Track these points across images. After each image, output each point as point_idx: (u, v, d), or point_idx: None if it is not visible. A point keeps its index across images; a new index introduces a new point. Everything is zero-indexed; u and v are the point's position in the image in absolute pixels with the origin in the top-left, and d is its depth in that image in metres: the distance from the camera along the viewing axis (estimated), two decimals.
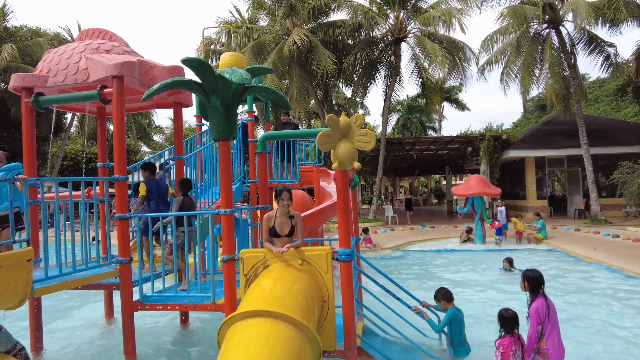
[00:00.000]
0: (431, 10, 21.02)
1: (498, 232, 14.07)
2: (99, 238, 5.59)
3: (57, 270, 4.38)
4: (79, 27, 28.14)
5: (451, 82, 30.21)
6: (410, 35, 21.91)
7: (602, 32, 29.51)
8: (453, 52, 21.18)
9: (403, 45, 22.18)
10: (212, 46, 25.98)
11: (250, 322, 3.06)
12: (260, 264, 3.99)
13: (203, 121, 7.87)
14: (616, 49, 19.50)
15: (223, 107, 3.96)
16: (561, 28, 19.09)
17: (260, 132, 21.46)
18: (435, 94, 24.01)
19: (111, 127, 7.41)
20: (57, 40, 25.39)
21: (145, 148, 40.58)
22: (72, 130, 32.99)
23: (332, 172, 9.61)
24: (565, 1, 18.70)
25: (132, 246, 5.74)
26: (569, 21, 19.05)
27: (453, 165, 31.06)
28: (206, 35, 25.47)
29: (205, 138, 7.89)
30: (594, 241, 12.72)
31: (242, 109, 22.54)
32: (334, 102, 28.42)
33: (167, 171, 6.67)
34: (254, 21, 25.31)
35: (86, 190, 5.65)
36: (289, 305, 3.23)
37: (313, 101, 24.24)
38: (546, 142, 21.40)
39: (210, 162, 7.07)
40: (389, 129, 33.21)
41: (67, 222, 4.84)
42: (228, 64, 4.63)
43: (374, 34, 22.22)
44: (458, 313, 4.88)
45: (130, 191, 5.92)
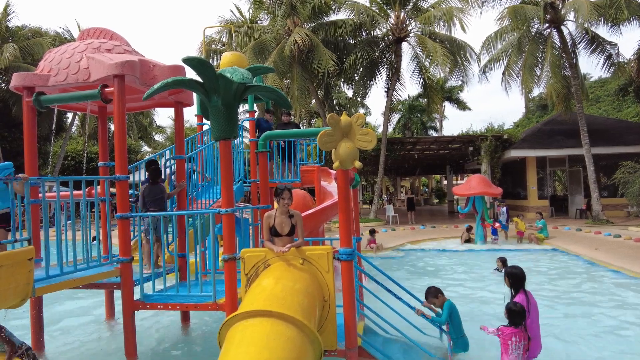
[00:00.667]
0: (432, 9, 21.00)
1: (494, 232, 14.10)
2: (100, 237, 5.60)
3: (58, 269, 4.39)
4: (79, 27, 28.18)
5: (452, 82, 30.19)
6: (411, 34, 21.89)
7: (604, 32, 29.60)
8: (454, 52, 21.17)
9: (404, 44, 22.17)
10: (213, 46, 25.97)
11: (251, 322, 3.06)
12: (261, 264, 3.99)
13: (204, 120, 7.87)
14: (618, 49, 19.48)
15: (224, 107, 3.95)
16: (563, 27, 19.06)
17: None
18: (436, 94, 23.99)
19: (112, 127, 7.41)
20: (58, 40, 25.41)
21: (146, 148, 40.61)
22: (73, 129, 33.05)
23: (333, 172, 9.60)
24: (566, 1, 18.67)
25: (133, 245, 5.74)
26: (571, 20, 19.03)
27: (454, 165, 31.03)
28: (207, 34, 25.48)
29: (206, 137, 7.90)
30: (596, 241, 12.69)
31: (243, 109, 22.56)
32: (335, 102, 28.44)
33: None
34: (255, 21, 25.32)
35: (87, 189, 5.66)
36: (290, 304, 3.23)
37: (314, 101, 24.23)
38: (547, 142, 21.37)
39: (211, 162, 7.08)
40: (390, 129, 33.20)
41: (68, 222, 4.85)
42: (229, 64, 4.63)
43: (375, 34, 22.20)
44: (454, 304, 4.98)
45: (131, 191, 5.93)
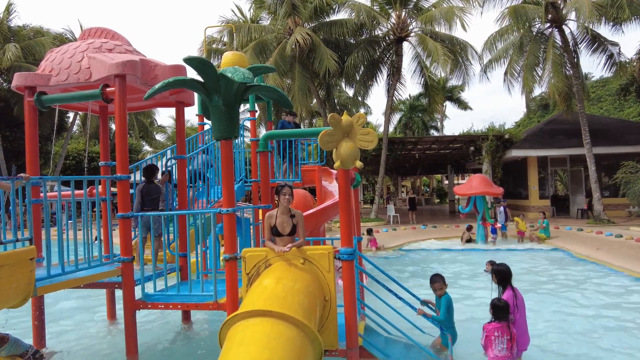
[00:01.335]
0: (433, 9, 20.97)
1: (493, 231, 14.11)
2: (101, 237, 5.61)
3: (60, 268, 4.39)
4: (81, 27, 28.20)
5: (453, 82, 30.12)
6: (412, 34, 21.87)
7: (605, 31, 29.53)
8: (455, 51, 21.13)
9: (405, 44, 22.15)
10: (214, 45, 25.98)
11: (251, 322, 3.06)
12: (262, 263, 4.00)
13: (205, 120, 7.88)
14: (619, 48, 19.43)
15: (225, 106, 3.95)
16: (564, 27, 19.02)
17: (262, 132, 21.46)
18: (437, 93, 23.97)
19: (113, 126, 7.44)
20: (60, 39, 25.44)
21: (147, 147, 40.63)
22: (75, 129, 33.11)
23: (334, 172, 9.61)
24: (567, 0, 18.64)
25: (134, 245, 5.75)
26: (572, 20, 18.99)
27: (455, 164, 31.00)
28: (208, 34, 25.48)
29: (207, 137, 7.91)
30: (597, 241, 12.67)
31: (244, 108, 22.55)
32: (336, 102, 28.41)
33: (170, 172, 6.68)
34: (256, 20, 25.32)
35: (88, 189, 5.67)
36: (291, 304, 3.23)
37: (315, 100, 24.22)
38: (549, 142, 21.33)
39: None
40: (391, 128, 33.13)
41: (70, 221, 4.85)
42: (230, 63, 4.63)
43: (376, 33, 22.18)
44: (451, 298, 5.05)
45: (132, 190, 5.94)
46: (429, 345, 5.05)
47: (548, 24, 19.34)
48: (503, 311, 4.22)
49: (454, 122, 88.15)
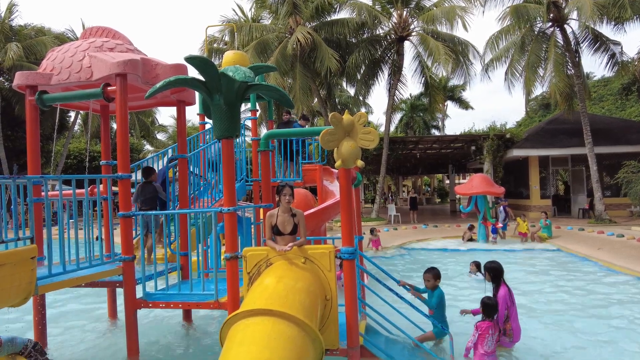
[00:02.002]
0: (434, 8, 20.95)
1: (494, 231, 14.09)
2: (102, 236, 5.61)
3: (61, 267, 4.40)
4: (83, 26, 28.21)
5: (455, 81, 30.11)
6: (413, 33, 21.85)
7: (607, 31, 29.40)
8: (456, 51, 21.10)
9: (406, 43, 22.12)
10: (215, 45, 25.97)
11: (252, 321, 3.06)
12: (263, 262, 4.00)
13: (206, 119, 7.87)
14: (621, 48, 19.38)
15: (226, 105, 3.95)
16: (566, 26, 18.98)
17: (263, 131, 21.45)
18: (438, 93, 23.95)
19: (114, 125, 7.45)
20: (61, 39, 25.47)
21: (148, 146, 40.68)
22: (76, 128, 33.15)
23: (335, 171, 9.60)
24: None
25: (136, 244, 5.76)
26: (574, 19, 18.95)
27: (456, 164, 30.97)
28: (209, 33, 25.47)
29: (208, 136, 7.91)
30: (598, 241, 12.65)
31: (245, 107, 22.55)
32: (337, 101, 28.41)
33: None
34: (257, 20, 25.30)
35: (89, 188, 5.67)
36: (292, 303, 3.22)
37: (316, 100, 24.21)
38: (550, 141, 21.30)
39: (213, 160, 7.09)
40: (392, 128, 33.12)
41: (71, 220, 4.86)
42: (231, 62, 4.62)
43: (377, 33, 22.16)
44: (444, 293, 5.09)
45: (133, 189, 5.95)
46: (426, 343, 5.05)
47: (550, 23, 19.30)
48: (494, 309, 4.38)
49: (455, 122, 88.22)
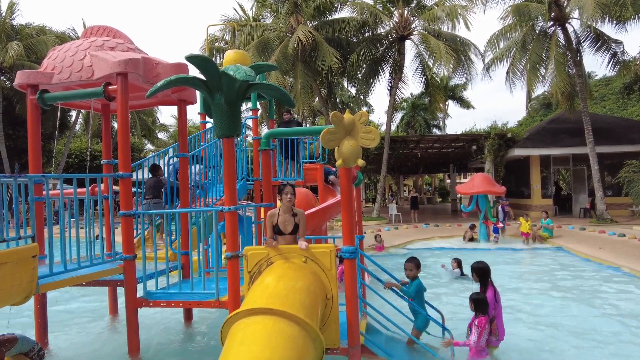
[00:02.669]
0: (435, 7, 20.91)
1: (495, 230, 14.07)
2: (104, 235, 5.62)
3: (62, 266, 4.40)
4: (84, 25, 28.23)
5: (456, 80, 30.10)
6: (414, 32, 21.82)
7: (609, 30, 29.36)
8: (458, 50, 21.07)
9: (407, 42, 22.10)
10: (217, 44, 25.97)
11: (253, 320, 3.06)
12: (264, 261, 4.00)
13: (207, 118, 7.87)
14: (623, 47, 19.31)
15: (227, 104, 3.95)
16: (567, 25, 18.94)
17: (264, 130, 21.44)
18: (439, 92, 23.92)
19: (115, 125, 7.49)
20: (62, 38, 25.49)
21: (149, 146, 40.72)
22: (77, 127, 33.17)
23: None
24: None
25: (137, 243, 5.76)
26: (575, 18, 18.90)
27: (457, 163, 30.94)
28: (210, 33, 25.46)
29: (209, 135, 7.91)
30: (600, 240, 12.64)
31: (246, 107, 22.55)
32: (338, 100, 28.38)
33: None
34: (258, 19, 25.29)
35: (91, 187, 5.68)
36: (292, 303, 3.22)
37: (317, 99, 24.20)
38: (551, 141, 21.26)
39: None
40: (393, 127, 33.08)
41: (72, 219, 4.86)
42: (232, 61, 4.63)
43: (378, 32, 22.14)
44: (422, 283, 5.14)
45: (134, 189, 5.97)
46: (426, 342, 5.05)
47: (551, 22, 19.26)
48: (486, 304, 4.53)
49: (456, 121, 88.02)
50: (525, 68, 20.11)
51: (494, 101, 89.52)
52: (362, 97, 25.04)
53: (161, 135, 42.77)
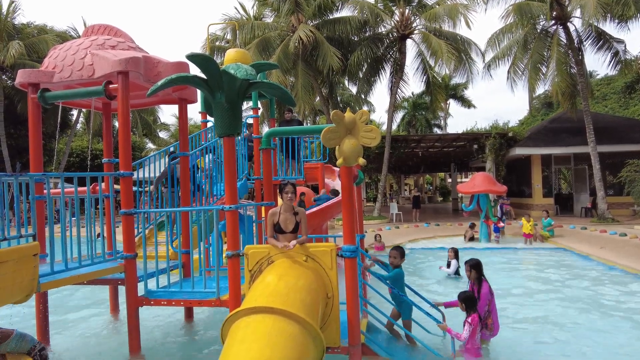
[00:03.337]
0: (437, 6, 20.89)
1: (496, 230, 14.05)
2: (104, 234, 5.62)
3: (63, 265, 4.41)
4: (85, 24, 28.25)
5: (457, 79, 30.07)
6: (415, 31, 21.80)
7: (611, 28, 29.21)
8: (459, 49, 21.04)
9: (408, 41, 22.08)
10: (217, 43, 25.99)
11: (253, 319, 3.06)
12: (264, 260, 4.00)
13: (208, 117, 7.87)
14: (625, 46, 19.25)
15: (228, 103, 3.95)
16: (569, 24, 18.89)
17: (265, 129, 21.44)
18: (440, 91, 23.90)
19: (117, 124, 7.51)
20: (63, 37, 25.51)
21: (150, 145, 40.77)
22: (78, 126, 33.21)
23: (337, 169, 9.58)
24: None
25: (137, 242, 5.77)
26: (577, 17, 18.86)
27: (459, 162, 30.92)
28: (211, 32, 25.49)
29: (210, 134, 7.92)
30: (601, 240, 12.61)
31: (247, 106, 22.57)
32: (339, 99, 28.38)
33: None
34: (259, 17, 25.30)
35: (92, 186, 5.68)
36: (293, 301, 3.22)
37: (318, 98, 24.19)
38: (553, 140, 21.23)
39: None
40: (394, 126, 33.09)
41: (73, 218, 4.87)
42: (233, 60, 4.63)
43: (380, 31, 22.12)
44: (403, 273, 5.19)
45: (134, 187, 5.97)
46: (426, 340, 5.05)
47: (553, 21, 19.23)
48: (475, 301, 4.58)
49: (458, 120, 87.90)
50: (526, 67, 20.08)
51: (495, 100, 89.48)
52: (363, 96, 25.05)
53: (162, 134, 42.82)
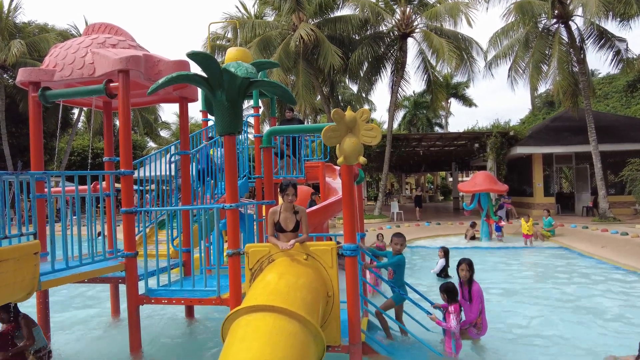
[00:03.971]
0: (438, 5, 20.85)
1: (497, 229, 14.04)
2: (105, 232, 5.62)
3: (64, 263, 4.41)
4: (86, 23, 28.27)
5: (458, 78, 30.03)
6: (416, 30, 21.76)
7: (613, 27, 29.21)
8: (460, 48, 21.00)
9: (409, 40, 22.04)
10: (218, 41, 25.97)
11: (254, 317, 3.06)
12: (265, 259, 4.00)
13: (209, 116, 7.87)
14: (627, 44, 19.17)
15: (228, 102, 3.94)
16: (570, 23, 18.83)
17: (265, 128, 21.44)
18: (441, 90, 23.87)
19: (117, 122, 7.51)
20: (64, 36, 25.53)
21: (151, 143, 40.81)
22: (79, 125, 33.24)
23: (338, 168, 9.57)
24: None
25: (138, 240, 5.76)
26: (579, 16, 18.78)
27: (460, 161, 30.88)
28: (212, 30, 25.47)
29: (211, 133, 7.92)
30: (602, 239, 12.60)
31: (248, 104, 22.57)
32: (340, 98, 28.36)
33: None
34: (260, 16, 25.28)
35: (92, 184, 5.68)
36: (293, 300, 3.22)
37: (319, 97, 24.17)
38: (554, 139, 21.18)
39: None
40: (395, 125, 33.09)
41: (74, 216, 4.87)
42: (234, 59, 4.62)
43: (381, 29, 22.09)
44: (404, 259, 5.25)
45: (135, 187, 5.97)
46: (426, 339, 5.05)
47: (554, 20, 19.17)
48: (456, 292, 4.86)
49: (459, 119, 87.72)
50: (527, 66, 20.03)
51: (496, 99, 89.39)
52: (364, 95, 25.01)
53: (163, 133, 42.86)
